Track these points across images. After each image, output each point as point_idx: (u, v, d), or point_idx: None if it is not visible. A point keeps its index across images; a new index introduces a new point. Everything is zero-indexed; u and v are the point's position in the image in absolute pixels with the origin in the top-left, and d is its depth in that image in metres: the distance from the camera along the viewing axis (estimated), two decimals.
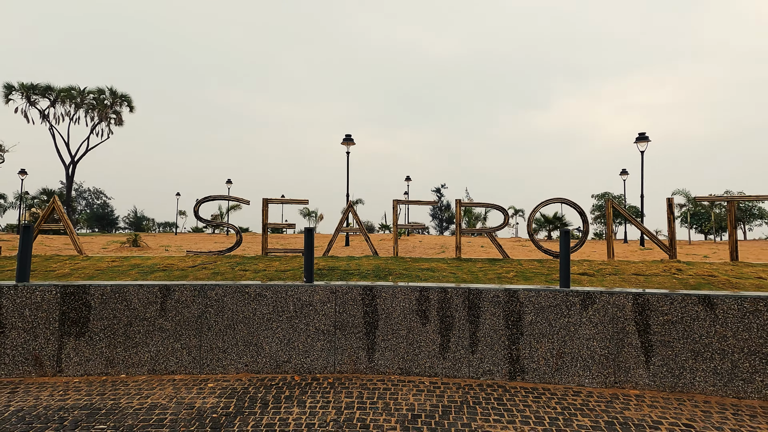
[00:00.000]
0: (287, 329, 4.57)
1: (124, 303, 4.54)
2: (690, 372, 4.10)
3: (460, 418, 3.50)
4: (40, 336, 4.44)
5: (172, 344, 4.52)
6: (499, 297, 4.48)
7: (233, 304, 4.59)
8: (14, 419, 3.41)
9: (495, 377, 4.40)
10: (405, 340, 4.53)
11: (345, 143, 17.43)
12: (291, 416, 3.50)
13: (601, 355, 4.26)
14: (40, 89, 26.98)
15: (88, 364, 4.45)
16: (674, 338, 4.16)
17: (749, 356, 4.00)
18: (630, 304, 4.27)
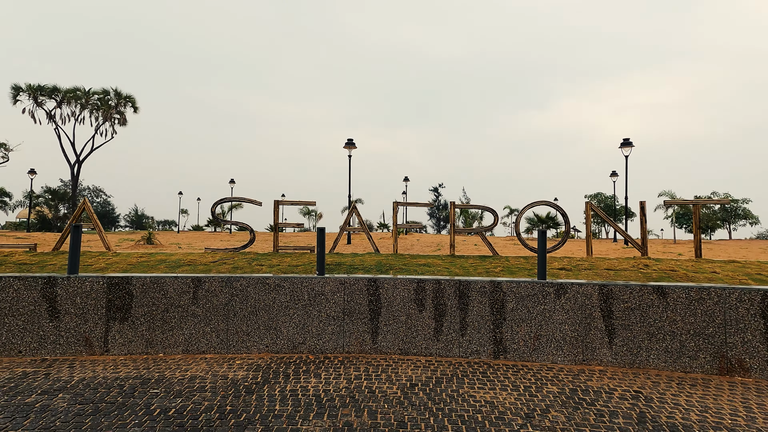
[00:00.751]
0: (302, 315, 5.29)
1: (162, 292, 5.24)
2: (645, 351, 4.84)
3: (450, 386, 4.22)
4: (89, 320, 5.14)
5: (203, 328, 5.23)
6: (486, 288, 5.21)
7: (255, 293, 5.30)
8: (80, 386, 4.12)
9: (481, 356, 5.12)
10: (404, 325, 5.25)
11: (347, 147, 18.13)
12: (309, 384, 4.22)
13: (571, 337, 4.99)
14: (47, 90, 27.63)
15: (131, 344, 5.16)
16: (633, 322, 4.89)
17: (694, 337, 4.74)
18: (596, 294, 5.00)
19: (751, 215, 32.33)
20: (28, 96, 27.51)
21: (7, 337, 5.02)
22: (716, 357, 4.68)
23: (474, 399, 3.89)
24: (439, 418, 3.50)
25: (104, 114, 29.40)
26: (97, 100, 29.56)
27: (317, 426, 3.32)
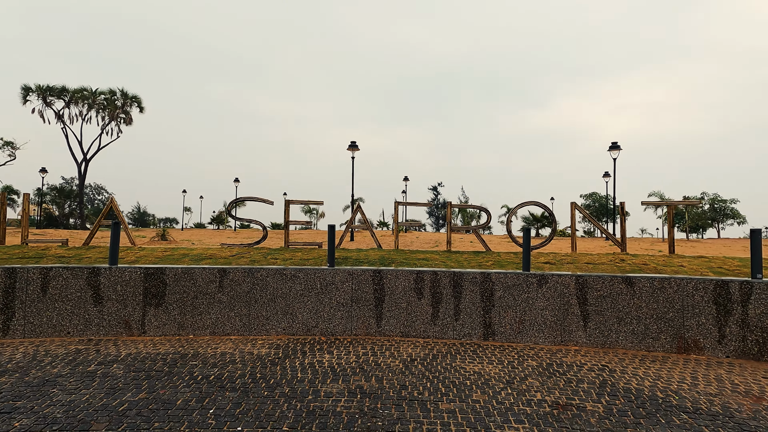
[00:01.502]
0: (315, 302, 5.99)
1: (191, 281, 5.95)
2: (615, 333, 5.55)
3: (444, 361, 4.93)
4: (128, 305, 5.85)
5: (228, 313, 5.94)
6: (477, 278, 5.92)
7: (274, 283, 6.01)
8: (129, 359, 4.82)
9: (473, 338, 5.83)
10: (405, 311, 5.96)
11: (350, 149, 18.79)
12: (324, 359, 4.92)
13: (551, 321, 5.70)
14: (56, 91, 28.30)
15: (164, 327, 5.87)
16: (604, 308, 5.61)
17: (656, 321, 5.46)
18: (573, 283, 5.71)
19: (739, 215, 33.31)
20: (37, 96, 28.22)
21: (57, 319, 5.72)
22: (675, 338, 5.39)
23: (464, 370, 4.61)
24: (434, 383, 4.21)
25: (110, 114, 30.07)
26: (103, 100, 30.23)
27: (334, 388, 4.03)
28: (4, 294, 5.64)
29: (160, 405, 3.56)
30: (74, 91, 28.77)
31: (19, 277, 5.70)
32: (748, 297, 5.22)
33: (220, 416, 3.37)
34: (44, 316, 5.70)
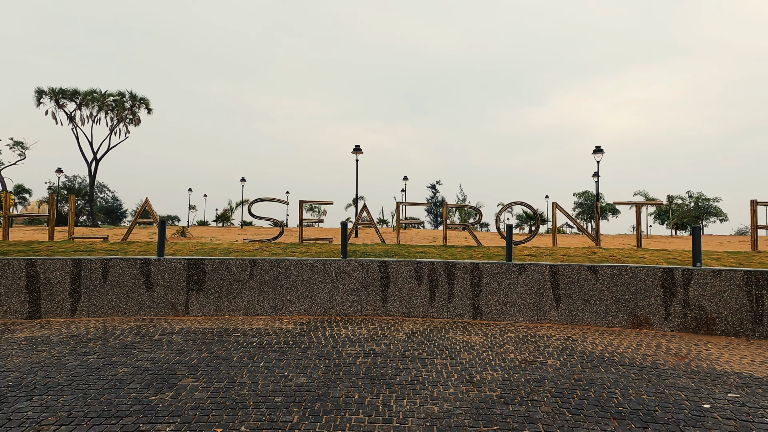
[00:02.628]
0: (331, 288, 7.10)
1: (227, 270, 7.05)
2: (581, 312, 6.67)
3: (439, 333, 6.05)
4: (174, 290, 6.95)
5: (257, 297, 7.04)
6: (467, 268, 7.03)
7: (296, 271, 7.11)
8: (183, 332, 5.92)
9: (464, 317, 6.95)
10: (407, 295, 7.07)
11: (355, 152, 19.90)
12: (341, 332, 6.03)
13: (529, 303, 6.82)
14: (68, 93, 29.32)
15: (204, 308, 6.97)
16: (573, 292, 6.73)
17: (615, 302, 6.58)
18: (547, 271, 6.83)
19: (721, 212, 34.75)
20: (50, 98, 29.25)
21: (116, 302, 6.82)
22: (630, 315, 6.52)
23: (456, 339, 5.72)
24: (431, 348, 5.32)
25: (119, 115, 31.09)
26: (112, 102, 31.25)
27: (352, 350, 5.14)
28: (72, 280, 6.74)
29: (221, 360, 4.67)
30: (85, 93, 29.83)
31: (84, 267, 6.80)
32: (688, 282, 6.35)
33: (269, 367, 4.47)
34: (105, 299, 6.81)
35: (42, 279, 6.65)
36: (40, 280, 6.64)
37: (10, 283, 6.57)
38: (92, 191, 31.44)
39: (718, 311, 6.20)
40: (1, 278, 6.56)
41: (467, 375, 4.32)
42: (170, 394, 3.71)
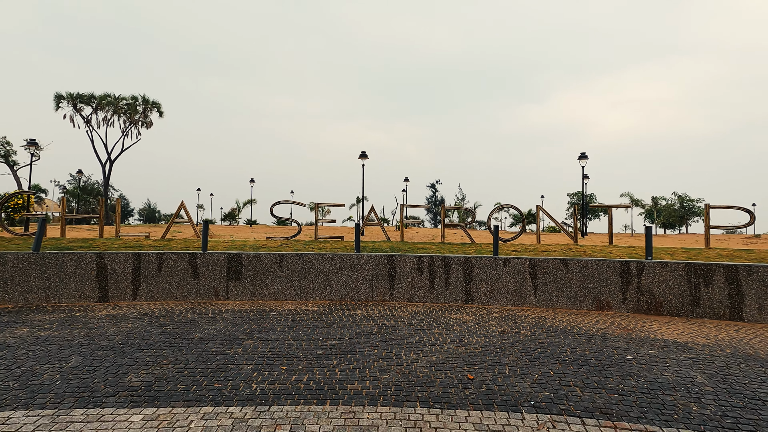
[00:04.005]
0: (347, 278, 8.48)
1: (259, 262, 8.43)
2: (555, 297, 8.06)
3: (437, 313, 7.43)
4: (216, 279, 8.33)
5: (285, 285, 8.42)
6: (461, 261, 8.41)
7: (318, 263, 8.49)
8: (230, 312, 7.30)
9: (457, 302, 8.33)
10: (410, 284, 8.45)
11: (361, 158, 21.28)
12: (357, 312, 7.41)
13: (512, 290, 8.21)
14: (86, 98, 30.69)
15: (241, 294, 8.35)
16: (548, 281, 8.11)
17: (582, 289, 7.96)
18: (527, 264, 8.21)
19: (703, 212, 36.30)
20: (67, 103, 30.62)
21: (169, 289, 8.21)
22: (594, 300, 7.91)
23: (450, 318, 7.11)
24: (430, 323, 6.70)
25: (132, 118, 32.46)
26: (125, 105, 32.61)
27: (368, 324, 6.51)
28: (134, 270, 8.12)
29: (268, 330, 6.05)
30: (100, 97, 31.15)
31: (143, 259, 8.18)
32: (641, 272, 7.74)
33: (306, 334, 5.85)
34: (160, 286, 8.19)
35: (109, 269, 8.03)
36: (107, 270, 8.03)
37: (83, 272, 7.96)
38: (107, 191, 32.85)
39: (664, 296, 7.59)
40: (77, 269, 7.94)
41: (458, 339, 5.70)
42: (239, 349, 5.09)
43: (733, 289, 7.23)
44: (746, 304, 7.16)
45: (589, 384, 4.10)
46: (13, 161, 36.59)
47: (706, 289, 7.38)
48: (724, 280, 7.30)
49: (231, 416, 3.31)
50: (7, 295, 7.66)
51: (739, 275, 7.23)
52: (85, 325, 6.25)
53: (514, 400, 3.68)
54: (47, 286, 7.81)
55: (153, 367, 4.42)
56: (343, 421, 3.25)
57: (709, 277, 7.37)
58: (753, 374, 4.49)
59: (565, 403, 3.65)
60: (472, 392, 3.86)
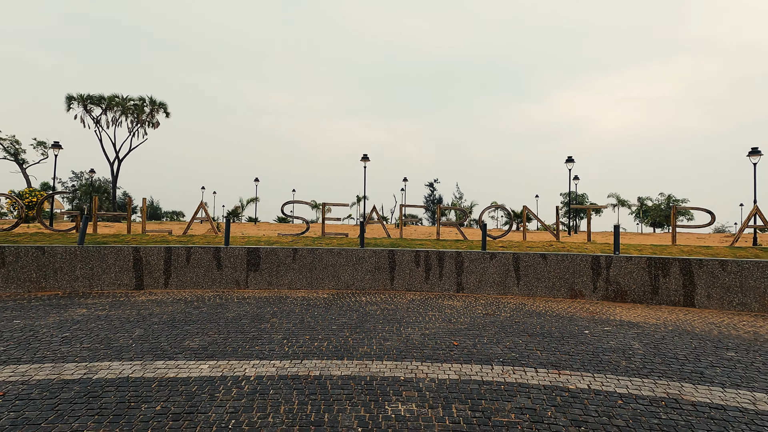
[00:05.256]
0: (352, 269, 9.60)
1: (275, 256, 9.55)
2: (535, 287, 9.19)
3: (432, 300, 8.56)
4: (237, 270, 9.44)
5: (298, 276, 9.54)
6: (453, 255, 9.53)
7: (327, 257, 9.61)
8: (252, 298, 8.42)
9: (450, 291, 9.46)
10: (408, 275, 9.58)
11: (363, 161, 22.43)
12: (362, 299, 8.53)
13: (497, 281, 9.34)
14: (96, 99, 31.74)
15: (259, 284, 9.47)
16: (529, 273, 9.24)
17: (558, 280, 9.10)
18: (511, 258, 9.35)
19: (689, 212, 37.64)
20: (78, 104, 31.67)
21: (196, 278, 9.32)
22: (569, 289, 9.04)
23: (443, 303, 8.23)
24: (425, 307, 7.82)
25: (139, 118, 33.51)
26: (132, 106, 33.66)
27: (372, 307, 7.64)
28: (165, 262, 9.23)
29: (288, 311, 7.16)
30: (109, 98, 32.19)
31: (173, 252, 9.29)
32: (609, 265, 8.88)
33: (321, 314, 6.97)
34: (188, 276, 9.30)
35: (144, 261, 9.14)
36: (142, 262, 9.14)
37: (122, 264, 9.06)
38: (115, 189, 33.94)
39: (629, 286, 8.73)
40: (116, 260, 9.05)
41: (448, 319, 6.84)
42: (267, 325, 6.21)
43: (686, 279, 8.38)
44: (697, 293, 8.31)
45: (548, 348, 5.23)
46: (23, 159, 37.56)
47: (664, 280, 8.52)
48: (679, 272, 8.44)
49: (274, 366, 4.43)
50: (57, 282, 8.77)
51: (691, 268, 8.37)
52: (132, 307, 7.37)
53: (488, 358, 4.81)
54: (91, 275, 8.92)
55: (202, 336, 5.54)
56: (357, 369, 4.37)
57: (667, 270, 8.52)
58: (681, 344, 5.64)
59: (526, 360, 4.78)
60: (456, 353, 4.98)
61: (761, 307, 7.93)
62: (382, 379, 4.11)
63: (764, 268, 7.94)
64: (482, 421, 3.25)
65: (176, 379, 4.03)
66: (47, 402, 3.48)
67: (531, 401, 3.63)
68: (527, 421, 3.27)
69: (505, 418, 3.30)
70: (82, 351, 4.83)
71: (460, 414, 3.37)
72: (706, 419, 3.35)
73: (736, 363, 4.83)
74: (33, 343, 5.10)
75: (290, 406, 3.46)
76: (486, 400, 3.65)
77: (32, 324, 6.06)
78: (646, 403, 3.65)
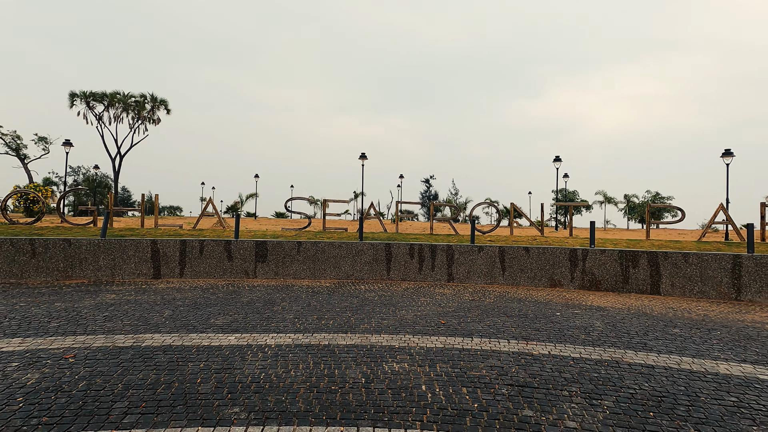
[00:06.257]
0: (352, 261, 10.46)
1: (281, 248, 10.39)
2: (518, 277, 10.09)
3: (425, 289, 9.44)
4: (246, 261, 10.28)
5: (302, 266, 10.39)
6: (444, 248, 10.41)
7: (329, 249, 10.47)
8: (262, 286, 9.27)
9: (441, 281, 10.35)
10: (403, 266, 10.45)
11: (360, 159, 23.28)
12: (361, 288, 9.40)
13: (485, 271, 10.23)
14: (98, 96, 32.34)
15: (266, 274, 10.32)
16: (513, 264, 10.14)
17: (539, 270, 10.00)
18: (497, 250, 10.24)
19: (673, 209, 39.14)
20: (81, 101, 32.26)
21: (208, 269, 10.15)
22: (549, 279, 9.95)
23: (434, 291, 9.12)
24: (418, 294, 8.70)
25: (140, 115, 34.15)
26: (133, 102, 34.28)
27: (371, 294, 8.50)
28: (180, 253, 10.06)
29: (295, 297, 8.02)
30: (111, 95, 32.80)
31: (188, 245, 10.12)
32: (585, 257, 9.78)
33: (325, 300, 7.83)
34: (201, 267, 10.14)
35: (161, 252, 9.97)
36: (159, 254, 9.96)
37: (141, 255, 9.89)
38: (116, 185, 34.59)
39: (602, 276, 9.65)
40: (136, 252, 9.87)
41: (438, 304, 7.72)
42: (279, 307, 7.07)
43: (653, 270, 9.30)
44: (662, 282, 9.23)
45: (522, 326, 6.12)
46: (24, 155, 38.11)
47: (633, 270, 9.44)
48: (647, 264, 9.36)
49: (290, 337, 5.29)
50: (83, 272, 9.59)
51: (658, 260, 9.29)
52: (155, 293, 8.21)
53: (469, 333, 5.69)
54: (113, 265, 9.74)
55: (224, 315, 6.40)
56: (359, 340, 5.24)
57: (636, 261, 9.43)
58: (637, 323, 6.55)
59: (502, 334, 5.66)
60: (442, 329, 5.86)
61: (718, 294, 8.86)
62: (380, 347, 4.98)
63: (721, 260, 8.86)
64: (459, 374, 4.13)
65: (210, 346, 4.89)
66: (111, 361, 4.34)
67: (500, 362, 4.52)
68: (495, 374, 4.16)
69: (478, 373, 4.19)
70: (125, 327, 5.68)
71: (442, 369, 4.25)
72: (635, 374, 4.25)
73: (677, 337, 5.74)
74: (81, 321, 5.94)
75: (306, 365, 4.33)
76: (464, 361, 4.53)
77: (72, 306, 6.89)
78: (592, 363, 4.55)
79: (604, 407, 3.47)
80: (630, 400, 3.62)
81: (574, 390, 3.81)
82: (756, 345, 5.44)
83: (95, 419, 3.11)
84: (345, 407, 3.37)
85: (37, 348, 4.71)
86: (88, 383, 3.75)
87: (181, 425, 3.04)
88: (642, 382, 4.02)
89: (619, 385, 3.95)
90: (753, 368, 4.51)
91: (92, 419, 3.11)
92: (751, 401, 3.65)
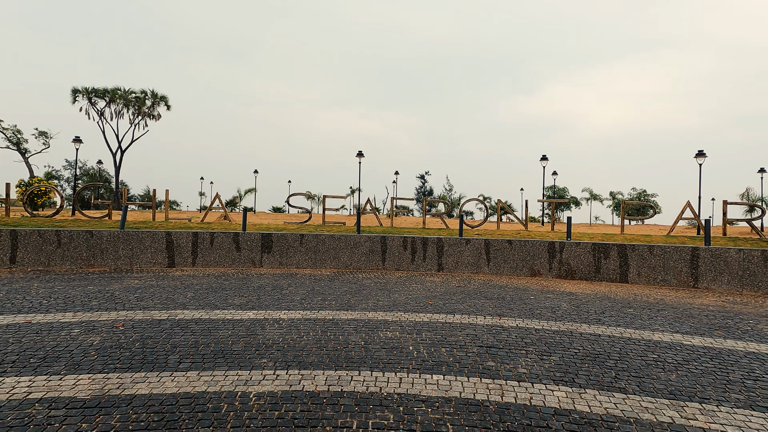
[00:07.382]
0: (350, 252, 11.40)
1: (285, 240, 11.32)
2: (502, 267, 11.08)
3: (416, 278, 10.40)
4: (253, 251, 11.20)
5: (304, 257, 11.32)
6: (435, 240, 11.37)
7: (329, 241, 11.40)
8: (269, 274, 10.20)
9: (432, 271, 11.31)
10: (397, 257, 11.40)
11: (357, 156, 24.20)
12: (358, 276, 10.35)
13: (471, 262, 11.20)
14: (100, 92, 32.95)
15: (272, 263, 11.24)
16: (498, 255, 11.12)
17: (521, 261, 10.99)
18: (483, 243, 11.21)
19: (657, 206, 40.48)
20: (83, 96, 32.87)
21: (218, 258, 11.06)
22: (530, 269, 10.94)
23: (425, 279, 10.08)
24: (411, 282, 9.65)
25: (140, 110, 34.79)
26: (133, 98, 34.90)
27: (368, 281, 9.45)
28: (192, 245, 10.96)
29: (300, 283, 8.95)
30: (113, 91, 33.42)
31: (199, 236, 11.02)
32: (562, 249, 10.78)
33: (328, 285, 8.77)
34: (211, 257, 11.04)
35: (175, 243, 10.86)
36: (174, 244, 10.85)
37: (157, 246, 10.78)
38: (118, 179, 35.31)
39: (577, 266, 10.65)
40: (152, 243, 10.76)
41: (427, 289, 8.68)
42: (286, 291, 8.01)
43: (622, 261, 10.31)
44: (630, 272, 10.25)
45: (498, 306, 7.10)
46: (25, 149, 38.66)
47: (605, 261, 10.45)
48: (617, 255, 10.37)
49: (299, 313, 6.23)
50: (104, 261, 10.48)
51: (626, 251, 10.30)
52: (173, 279, 9.12)
53: (452, 311, 6.65)
54: (131, 255, 10.63)
55: (240, 297, 7.33)
56: (359, 316, 6.19)
57: (607, 253, 10.44)
58: (599, 305, 7.54)
59: (480, 312, 6.63)
60: (429, 308, 6.83)
61: (678, 282, 9.89)
62: (376, 321, 5.94)
63: (681, 252, 9.88)
64: (440, 339, 5.09)
65: (233, 320, 5.82)
66: (155, 329, 5.26)
67: (475, 331, 5.49)
68: (469, 339, 5.12)
69: (455, 339, 5.15)
70: (156, 305, 6.60)
71: (427, 336, 5.21)
72: (583, 340, 5.23)
73: (628, 315, 6.74)
74: (117, 300, 6.86)
75: (316, 333, 5.28)
76: (446, 330, 5.49)
77: (104, 289, 7.80)
78: (551, 333, 5.52)
79: (552, 361, 4.44)
80: (573, 357, 4.60)
81: (531, 350, 4.78)
82: (692, 321, 6.44)
83: (156, 366, 4.04)
84: (348, 360, 4.32)
85: (89, 320, 5.63)
86: (141, 344, 4.68)
87: (224, 369, 3.98)
88: (587, 345, 5.00)
89: (567, 347, 4.93)
90: (681, 337, 5.51)
91: (154, 366, 4.04)
92: (668, 358, 4.64)
